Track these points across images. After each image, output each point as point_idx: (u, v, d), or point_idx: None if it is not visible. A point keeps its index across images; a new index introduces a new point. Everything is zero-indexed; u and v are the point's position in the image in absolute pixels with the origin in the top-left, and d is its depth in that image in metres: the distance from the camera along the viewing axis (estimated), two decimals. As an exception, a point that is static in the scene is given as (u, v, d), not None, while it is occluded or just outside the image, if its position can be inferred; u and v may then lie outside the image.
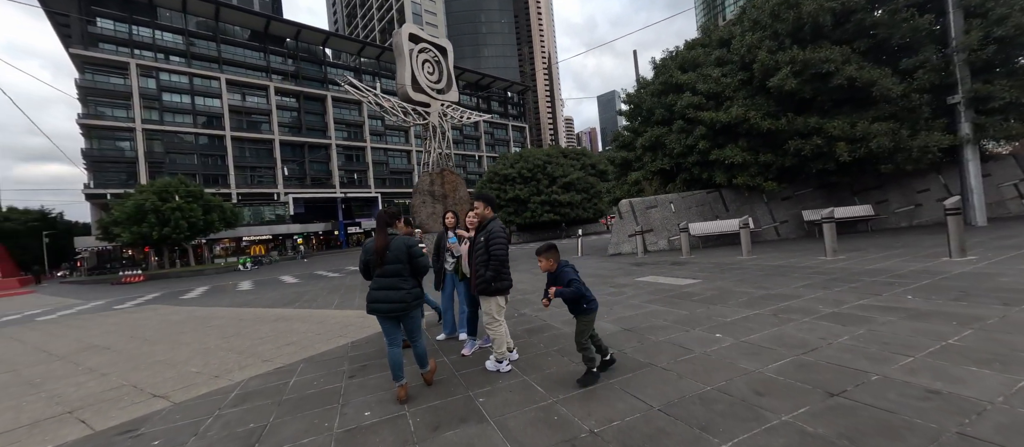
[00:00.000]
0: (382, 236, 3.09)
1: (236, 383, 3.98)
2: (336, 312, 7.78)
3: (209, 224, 33.28)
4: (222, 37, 51.32)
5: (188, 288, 18.17)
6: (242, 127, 51.11)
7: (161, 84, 45.98)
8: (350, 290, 11.39)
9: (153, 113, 45.23)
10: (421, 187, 17.69)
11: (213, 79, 48.98)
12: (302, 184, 55.09)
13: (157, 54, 46.75)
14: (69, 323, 10.08)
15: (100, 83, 42.58)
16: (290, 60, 57.14)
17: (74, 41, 42.22)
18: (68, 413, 3.59)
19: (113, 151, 43.19)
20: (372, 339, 5.26)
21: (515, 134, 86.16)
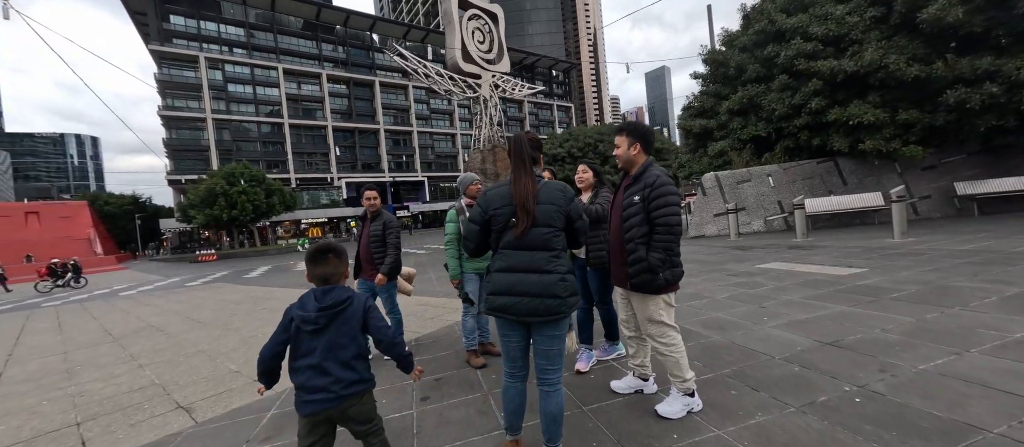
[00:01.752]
0: (527, 176, 1.72)
1: (278, 395, 3.02)
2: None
3: (271, 207, 34.95)
4: (278, 28, 53.31)
5: (252, 267, 18.72)
6: (298, 114, 53.25)
7: (226, 75, 48.74)
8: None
9: (221, 103, 48.17)
10: (472, 165, 16.67)
11: (271, 69, 51.16)
12: (353, 169, 56.78)
13: (222, 47, 49.49)
14: (140, 300, 10.20)
15: (175, 77, 45.87)
16: (340, 47, 58.38)
17: (152, 38, 45.63)
18: (74, 426, 2.79)
19: (189, 140, 46.68)
20: (438, 335, 4.18)
21: (560, 114, 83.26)
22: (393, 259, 3.44)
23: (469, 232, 1.82)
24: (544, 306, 1.61)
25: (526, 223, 1.63)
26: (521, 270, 1.65)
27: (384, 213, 3.57)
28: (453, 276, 3.16)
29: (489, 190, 1.81)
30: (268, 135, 51.15)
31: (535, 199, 1.66)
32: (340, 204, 53.63)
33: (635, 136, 2.17)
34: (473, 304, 3.19)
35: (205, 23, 48.64)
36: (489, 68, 17.63)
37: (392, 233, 3.49)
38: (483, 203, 1.78)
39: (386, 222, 3.51)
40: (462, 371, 3.11)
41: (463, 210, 3.20)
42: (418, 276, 9.22)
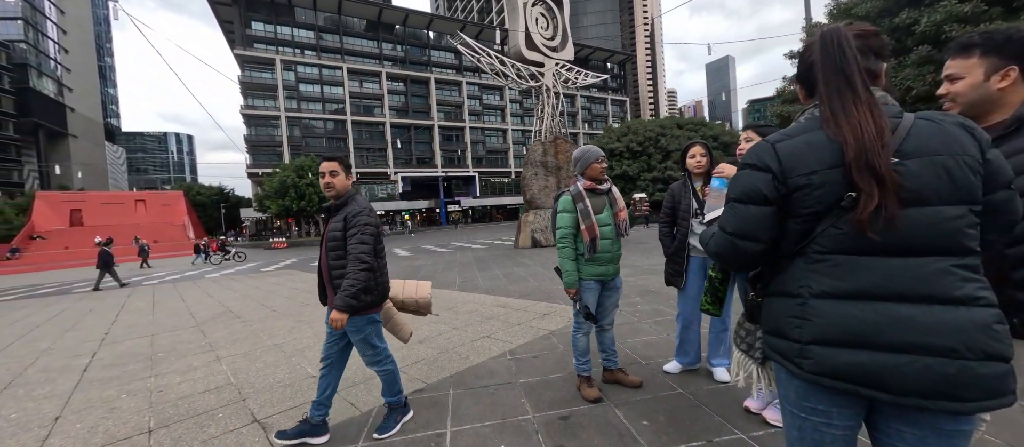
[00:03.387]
0: (866, 106, 0.85)
1: (364, 414, 2.49)
2: (462, 295, 6.36)
3: (334, 199, 36.93)
4: (344, 29, 56.25)
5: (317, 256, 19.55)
6: (359, 111, 55.93)
7: (298, 76, 52.30)
8: (465, 267, 10.22)
9: (292, 102, 51.79)
10: (532, 158, 15.95)
11: (337, 68, 54.12)
12: (408, 164, 58.63)
13: (295, 49, 53.15)
14: (222, 283, 10.71)
15: (255, 78, 50.00)
16: (399, 46, 60.45)
17: (237, 43, 50.05)
18: (146, 434, 2.44)
19: (265, 136, 50.75)
20: (537, 348, 3.48)
21: (614, 108, 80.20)
22: (354, 279, 2.00)
23: (743, 224, 0.98)
24: (963, 377, 0.76)
25: (881, 200, 0.83)
26: (893, 297, 0.82)
27: (352, 201, 2.17)
28: (569, 284, 2.39)
29: (780, 140, 0.95)
30: (332, 131, 54.27)
31: (894, 150, 0.84)
32: (396, 197, 55.70)
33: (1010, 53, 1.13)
34: (595, 322, 2.44)
35: (281, 28, 52.47)
36: (552, 55, 16.76)
37: (356, 233, 2.06)
38: (771, 162, 0.93)
39: (348, 216, 2.11)
40: (596, 408, 2.36)
41: (583, 196, 2.41)
42: (481, 274, 8.74)
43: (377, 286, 2.17)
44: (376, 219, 2.17)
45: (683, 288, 2.67)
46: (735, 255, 1.03)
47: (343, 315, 2.00)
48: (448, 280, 8.17)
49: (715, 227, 1.09)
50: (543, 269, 8.68)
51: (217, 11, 50.46)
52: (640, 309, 4.54)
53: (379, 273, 2.18)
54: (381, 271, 2.21)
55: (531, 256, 11.55)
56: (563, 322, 4.27)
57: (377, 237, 2.16)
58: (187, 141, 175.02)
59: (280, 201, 33.92)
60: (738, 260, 1.04)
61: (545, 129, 16.51)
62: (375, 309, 2.21)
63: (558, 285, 6.55)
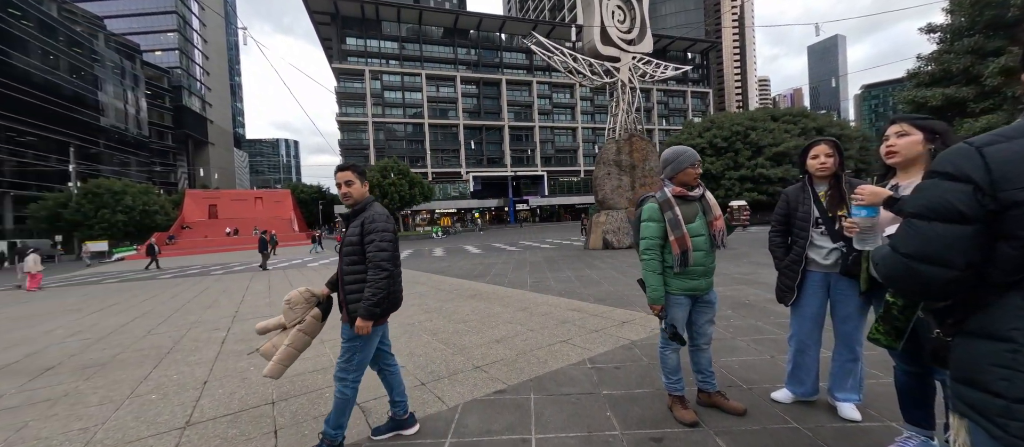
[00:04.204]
0: None
1: (451, 409, 2.59)
2: (535, 296, 6.35)
3: (413, 197, 39.60)
4: (423, 38, 60.03)
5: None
6: (435, 115, 59.26)
7: (383, 84, 57.07)
8: (535, 267, 10.21)
9: (378, 108, 56.66)
10: (606, 157, 15.41)
11: (416, 75, 57.95)
12: (479, 164, 60.65)
13: (380, 60, 58.06)
14: (322, 271, 12.08)
15: (348, 88, 55.64)
16: (473, 51, 62.78)
17: (334, 58, 56.15)
18: (269, 405, 2.80)
19: (354, 141, 56.26)
20: (619, 358, 3.32)
21: (695, 101, 74.44)
22: (376, 288, 1.98)
23: (924, 245, 0.80)
24: None
25: None
26: None
27: (369, 208, 2.14)
28: (653, 299, 2.18)
29: (990, 143, 0.76)
30: (411, 134, 58.24)
31: None
32: (467, 196, 58.03)
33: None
34: (683, 342, 2.22)
35: (370, 41, 57.64)
36: (629, 49, 16.02)
37: (375, 240, 2.02)
38: (975, 171, 0.75)
39: (365, 222, 2.07)
40: (693, 433, 2.17)
41: (671, 203, 2.18)
42: (552, 275, 8.62)
43: (390, 296, 2.10)
44: (393, 226, 2.12)
45: (797, 306, 2.33)
46: (913, 282, 0.84)
47: (368, 323, 1.99)
48: (519, 280, 8.24)
49: (886, 246, 0.90)
50: (617, 273, 8.34)
51: (319, 31, 57.06)
52: (734, 324, 4.10)
53: (394, 282, 2.11)
54: (395, 280, 2.14)
55: (603, 258, 11.17)
56: (645, 332, 4.03)
57: (396, 244, 2.11)
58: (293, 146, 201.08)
59: (367, 199, 37.41)
60: (917, 288, 0.85)
61: (619, 126, 15.86)
62: (380, 322, 2.14)
63: (636, 291, 6.23)
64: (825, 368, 2.41)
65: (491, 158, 61.98)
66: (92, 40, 51.52)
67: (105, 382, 3.50)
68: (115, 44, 56.79)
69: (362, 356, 2.10)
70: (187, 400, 2.98)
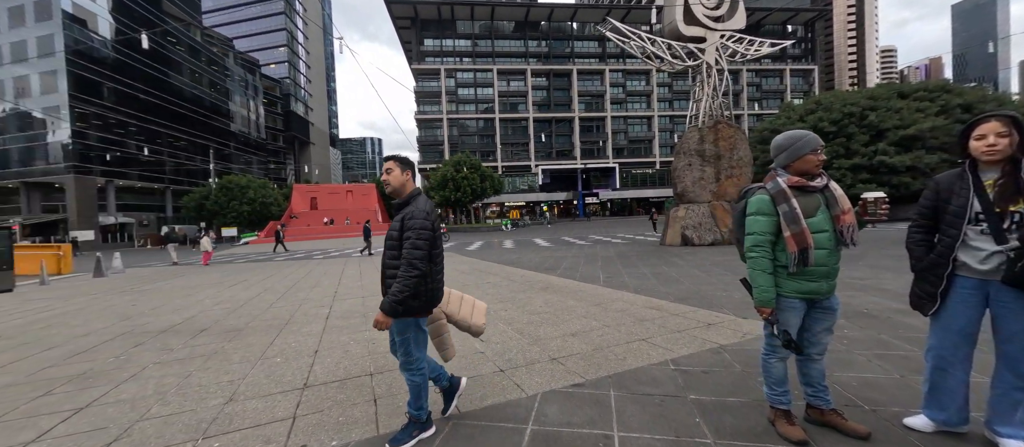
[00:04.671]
0: None
1: (530, 397, 2.64)
2: (609, 292, 6.17)
3: (484, 190, 40.88)
4: (495, 33, 61.16)
5: (470, 241, 22.01)
6: (505, 109, 60.24)
7: (457, 81, 59.50)
8: (607, 262, 9.90)
9: (452, 105, 59.29)
10: (686, 146, 14.30)
11: (488, 71, 59.38)
12: (549, 157, 60.40)
13: (455, 58, 60.52)
14: (402, 259, 13.11)
15: (425, 87, 59.04)
16: (543, 42, 62.39)
17: (413, 59, 59.91)
18: (368, 377, 3.12)
19: (430, 137, 59.63)
20: (707, 362, 3.09)
21: (796, 80, 65.68)
22: (401, 285, 1.94)
23: None
24: None
25: None
26: None
27: (412, 202, 2.10)
28: (762, 301, 1.94)
29: None
30: (483, 129, 60.00)
31: None
32: (536, 189, 58.26)
33: None
34: (800, 351, 1.96)
35: (445, 41, 60.37)
36: (717, 27, 14.59)
37: (411, 237, 1.99)
38: None
39: (405, 217, 2.05)
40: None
41: (787, 195, 1.92)
42: (627, 271, 8.27)
43: (427, 292, 2.06)
44: (433, 222, 2.06)
45: (939, 317, 1.95)
46: None
47: (387, 318, 1.97)
48: (592, 274, 8.08)
49: None
50: (699, 271, 7.75)
51: (400, 35, 61.19)
52: (850, 335, 3.57)
53: (431, 279, 2.07)
54: (433, 277, 2.08)
55: (682, 255, 10.46)
56: (736, 336, 3.70)
57: (432, 241, 2.04)
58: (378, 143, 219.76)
59: (442, 192, 39.43)
60: None
61: (703, 113, 14.60)
62: (422, 314, 2.11)
63: (722, 291, 5.74)
64: (977, 394, 1.99)
65: (560, 151, 61.38)
66: (224, 59, 61.41)
67: (242, 344, 4.20)
68: (241, 61, 66.97)
69: (417, 345, 2.16)
70: (304, 365, 3.46)
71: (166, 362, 3.71)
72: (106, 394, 3.01)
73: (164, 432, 2.39)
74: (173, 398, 2.88)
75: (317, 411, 2.58)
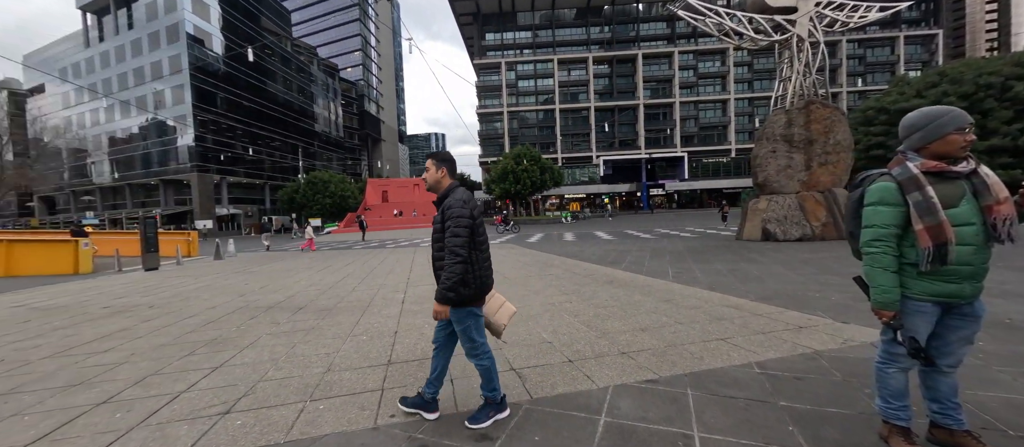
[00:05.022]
0: None
1: (601, 389, 2.63)
2: (680, 287, 5.85)
3: (543, 182, 40.78)
4: (556, 23, 60.19)
5: (530, 233, 22.15)
6: (566, 99, 59.23)
7: (517, 74, 59.73)
8: (676, 257, 9.37)
9: (512, 98, 59.72)
10: (771, 131, 12.91)
11: (548, 61, 58.73)
12: (611, 147, 58.38)
13: (515, 51, 60.72)
14: (466, 250, 13.63)
15: (486, 81, 60.13)
16: (606, 27, 60.07)
17: (475, 55, 61.25)
18: (444, 358, 3.32)
19: (491, 130, 60.73)
20: (798, 367, 2.82)
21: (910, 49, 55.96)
22: (448, 274, 2.04)
23: None
24: None
25: None
26: None
27: (450, 195, 2.18)
28: (882, 303, 1.70)
29: None
30: (542, 120, 59.69)
31: None
32: (597, 180, 56.75)
33: None
34: (930, 361, 1.70)
35: (506, 34, 60.80)
36: (810, -6, 12.92)
37: (450, 227, 2.07)
38: None
39: (445, 209, 2.13)
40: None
41: (920, 182, 1.64)
42: (698, 267, 7.71)
43: (475, 279, 2.13)
44: (471, 210, 2.11)
45: None
46: None
47: (442, 307, 2.09)
48: (659, 269, 7.72)
49: None
50: (785, 269, 7.03)
51: (463, 31, 62.82)
52: (988, 349, 3.02)
53: (477, 266, 2.14)
54: (479, 264, 2.15)
55: (764, 251, 9.55)
56: (834, 342, 3.31)
57: (473, 229, 2.11)
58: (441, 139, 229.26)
59: (502, 185, 40.09)
60: None
61: (792, 93, 13.08)
62: (475, 303, 2.18)
63: (815, 291, 5.16)
64: None
65: (623, 140, 59.01)
66: (310, 66, 68.01)
67: (333, 322, 4.70)
68: (323, 67, 73.68)
69: (477, 330, 2.23)
70: (386, 344, 3.78)
71: (275, 334, 4.28)
72: (233, 357, 3.57)
73: (280, 392, 2.78)
74: (284, 365, 3.33)
75: (401, 386, 2.82)
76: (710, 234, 15.57)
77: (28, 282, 9.50)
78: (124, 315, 5.52)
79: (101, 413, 2.58)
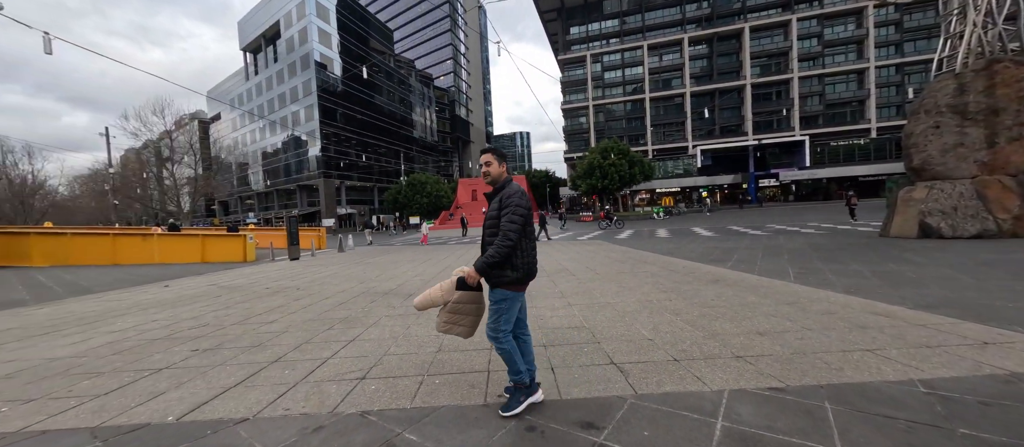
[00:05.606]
0: None
1: (715, 392, 2.44)
2: (806, 290, 5.08)
3: (632, 177, 38.77)
4: (645, 5, 56.56)
5: (619, 230, 21.30)
6: (657, 87, 55.34)
7: (603, 65, 57.68)
8: (797, 255, 8.16)
9: (598, 90, 57.90)
10: (932, 101, 10.38)
11: (637, 48, 55.51)
12: (710, 135, 52.96)
13: (601, 42, 58.68)
14: (556, 246, 13.68)
15: (571, 76, 59.30)
16: (704, 3, 54.53)
17: (559, 50, 60.83)
18: (542, 347, 3.41)
19: (576, 126, 59.72)
20: (978, 389, 2.25)
21: None
22: (495, 250, 2.17)
23: None
24: None
25: None
26: None
27: (507, 186, 2.33)
28: None
29: None
30: (630, 112, 56.72)
31: None
32: (693, 173, 52.02)
33: None
34: None
35: (591, 25, 59.12)
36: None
37: (508, 213, 2.21)
38: None
39: (503, 197, 2.28)
40: None
41: None
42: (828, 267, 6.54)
43: (523, 264, 2.27)
44: (527, 203, 2.28)
45: None
46: None
47: (475, 275, 2.20)
48: (776, 269, 6.80)
49: None
50: (958, 273, 5.63)
51: (547, 28, 62.84)
52: None
53: (525, 253, 2.28)
54: (527, 252, 2.29)
55: (921, 250, 7.79)
56: (1042, 366, 2.56)
57: (527, 219, 2.26)
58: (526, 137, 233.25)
59: (589, 181, 39.20)
60: None
61: (966, 51, 10.36)
62: (518, 287, 2.28)
63: (1007, 300, 4.04)
64: None
65: (725, 127, 53.09)
66: (409, 77, 74.85)
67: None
68: (419, 77, 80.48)
69: (507, 316, 2.30)
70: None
71: (392, 316, 4.86)
72: (361, 334, 4.15)
73: (401, 365, 3.16)
74: (402, 343, 3.77)
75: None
76: (842, 230, 13.18)
77: (215, 266, 12.26)
78: (280, 295, 6.79)
79: (275, 369, 3.23)
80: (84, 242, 13.73)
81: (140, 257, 13.59)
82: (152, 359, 3.63)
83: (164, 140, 39.71)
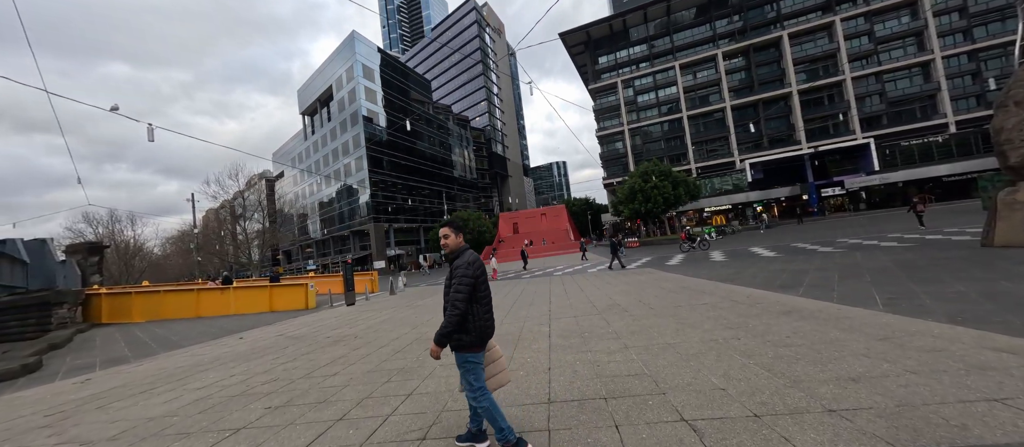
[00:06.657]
0: None
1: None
2: (902, 321, 4.49)
3: (677, 198, 37.37)
4: (673, 28, 56.50)
5: (668, 255, 20.31)
6: (694, 104, 54.00)
7: (635, 89, 57.57)
8: (881, 275, 7.29)
9: (631, 115, 57.52)
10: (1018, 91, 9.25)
11: (669, 69, 55.02)
12: (758, 147, 50.25)
13: (631, 67, 58.91)
14: (599, 277, 13.28)
15: (603, 103, 59.62)
16: (735, 16, 53.51)
17: (590, 81, 61.74)
18: (602, 400, 3.24)
19: (612, 151, 59.26)
20: None
21: None
22: (446, 321, 2.44)
23: None
24: None
25: None
26: None
27: (460, 256, 2.57)
28: None
29: None
30: (669, 132, 55.50)
31: None
32: (744, 188, 49.23)
33: None
34: None
35: (619, 53, 59.77)
36: None
37: (455, 283, 2.48)
38: None
39: (454, 267, 2.55)
40: None
41: None
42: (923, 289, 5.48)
43: (475, 328, 2.47)
44: (474, 272, 2.48)
45: None
46: None
47: (437, 348, 2.44)
48: (859, 294, 6.10)
49: None
50: (1097, 291, 4.73)
51: (575, 61, 64.34)
52: None
53: (477, 318, 2.48)
54: (479, 317, 2.49)
55: (1042, 263, 6.67)
56: None
57: (475, 286, 2.47)
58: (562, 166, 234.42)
59: (631, 205, 38.29)
60: None
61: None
62: (474, 349, 2.49)
63: None
64: None
65: (774, 137, 50.25)
66: (447, 121, 79.00)
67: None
68: (457, 120, 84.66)
69: (475, 375, 2.52)
70: (542, 381, 3.91)
71: (445, 365, 4.88)
72: (418, 387, 4.20)
73: (458, 422, 3.13)
74: (458, 397, 3.75)
75: (566, 428, 2.85)
76: (931, 241, 11.68)
77: (281, 315, 13.15)
78: (340, 345, 7.10)
79: (340, 429, 3.32)
80: (174, 298, 15.37)
81: (219, 309, 14.92)
82: (232, 417, 3.88)
83: (237, 199, 44.45)
